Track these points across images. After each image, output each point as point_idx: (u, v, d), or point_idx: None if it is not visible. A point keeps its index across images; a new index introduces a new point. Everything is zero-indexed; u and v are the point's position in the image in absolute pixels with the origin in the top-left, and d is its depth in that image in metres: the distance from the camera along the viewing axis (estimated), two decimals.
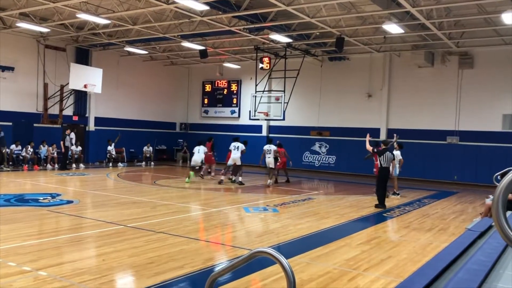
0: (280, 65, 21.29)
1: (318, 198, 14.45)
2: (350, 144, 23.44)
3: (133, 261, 6.38)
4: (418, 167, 21.05)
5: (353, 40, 19.36)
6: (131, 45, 22.46)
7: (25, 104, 21.04)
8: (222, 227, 9.52)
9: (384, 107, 22.74)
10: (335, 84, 24.10)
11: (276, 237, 8.46)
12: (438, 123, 21.25)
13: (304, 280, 5.68)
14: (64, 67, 21.76)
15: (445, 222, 10.72)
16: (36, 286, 5.20)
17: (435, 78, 21.41)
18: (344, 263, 6.65)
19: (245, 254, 2.74)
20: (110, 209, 10.81)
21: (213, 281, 2.92)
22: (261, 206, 12.34)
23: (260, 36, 19.51)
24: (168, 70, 28.64)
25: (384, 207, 12.39)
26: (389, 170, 12.69)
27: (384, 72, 22.80)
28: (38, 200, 11.35)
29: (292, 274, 2.41)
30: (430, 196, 16.00)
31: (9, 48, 20.32)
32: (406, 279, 3.23)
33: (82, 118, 23.86)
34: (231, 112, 27.81)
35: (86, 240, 7.86)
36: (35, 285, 5.23)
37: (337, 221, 10.32)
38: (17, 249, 6.84)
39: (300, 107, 24.63)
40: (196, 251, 7.18)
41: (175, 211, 10.79)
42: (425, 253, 7.47)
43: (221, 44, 22.62)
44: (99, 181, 17.14)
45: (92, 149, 24.08)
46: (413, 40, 19.88)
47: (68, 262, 6.26)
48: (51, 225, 8.93)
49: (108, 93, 23.63)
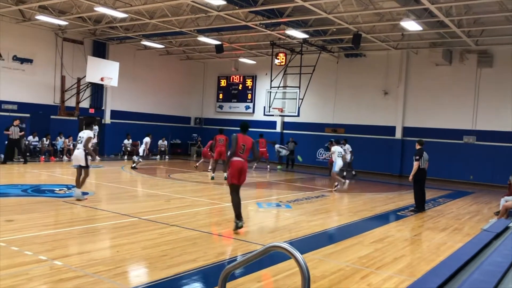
0: (295, 61, 21.22)
1: (332, 195, 14.39)
2: (365, 141, 23.30)
3: (146, 253, 6.45)
4: (433, 166, 20.65)
5: (370, 36, 19.20)
6: (148, 39, 22.59)
7: (42, 96, 21.34)
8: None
9: (400, 105, 22.54)
10: (351, 81, 23.94)
11: (288, 233, 8.46)
12: (455, 122, 20.99)
13: (317, 277, 5.67)
14: (81, 60, 21.99)
15: (460, 222, 10.60)
16: (51, 275, 5.28)
17: (453, 77, 21.13)
18: (357, 261, 6.63)
19: (260, 248, 2.74)
20: (125, 201, 10.92)
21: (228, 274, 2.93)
22: (274, 202, 12.34)
23: (276, 31, 19.46)
24: (184, 64, 28.75)
25: (423, 210, 11.77)
26: (426, 171, 11.88)
27: (401, 69, 22.57)
28: (54, 191, 11.51)
29: (307, 270, 2.41)
30: (445, 195, 15.83)
31: (28, 40, 20.60)
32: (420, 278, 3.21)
33: (98, 111, 24.11)
34: (245, 107, 27.83)
35: (101, 231, 7.96)
36: (51, 274, 5.32)
37: (350, 218, 10.28)
38: (33, 239, 6.95)
39: (315, 103, 24.53)
40: (209, 245, 7.22)
41: (188, 205, 10.85)
42: (439, 253, 7.40)
43: (237, 39, 22.63)
44: (114, 174, 17.31)
45: (108, 141, 24.32)
46: (431, 37, 19.64)
47: (82, 253, 6.35)
48: (66, 216, 9.05)
49: (124, 87, 23.82)
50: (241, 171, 8.00)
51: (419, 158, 11.47)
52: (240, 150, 7.97)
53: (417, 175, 11.60)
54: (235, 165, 7.94)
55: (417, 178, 11.64)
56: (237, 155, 7.97)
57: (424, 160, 11.57)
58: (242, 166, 7.99)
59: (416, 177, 11.61)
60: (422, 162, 11.51)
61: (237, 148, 7.96)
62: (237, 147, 7.94)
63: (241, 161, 7.96)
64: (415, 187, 11.83)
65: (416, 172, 11.54)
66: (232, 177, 8.01)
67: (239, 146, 7.93)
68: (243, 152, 8.00)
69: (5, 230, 7.33)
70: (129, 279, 5.60)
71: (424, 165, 11.60)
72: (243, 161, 8.00)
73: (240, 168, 7.96)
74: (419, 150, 11.65)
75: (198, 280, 5.61)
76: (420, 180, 11.69)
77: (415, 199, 11.90)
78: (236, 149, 7.96)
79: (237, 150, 7.95)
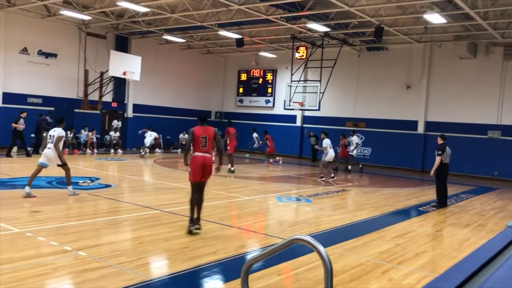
0: (316, 55, 21.09)
1: (353, 190, 14.32)
2: (386, 136, 23.07)
3: (168, 245, 6.53)
4: (456, 162, 20.37)
5: (392, 30, 18.94)
6: (169, 33, 22.75)
7: (66, 90, 21.72)
8: (255, 215, 9.59)
9: (423, 99, 22.21)
10: (372, 75, 23.68)
11: (308, 227, 8.47)
12: (479, 117, 20.59)
13: (337, 271, 5.67)
14: (104, 54, 22.28)
15: (483, 218, 10.43)
16: (76, 265, 5.41)
17: (478, 70, 20.70)
18: (378, 256, 6.60)
19: (283, 241, 2.76)
20: (147, 194, 11.07)
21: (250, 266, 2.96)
22: (294, 196, 12.34)
23: (297, 25, 19.35)
24: (205, 58, 28.86)
25: (445, 205, 11.63)
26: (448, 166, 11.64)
27: (423, 63, 22.22)
28: (78, 183, 11.72)
29: (330, 263, 2.42)
30: (468, 191, 15.58)
31: (52, 35, 20.98)
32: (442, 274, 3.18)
33: (121, 104, 24.41)
34: (265, 101, 27.80)
35: (123, 223, 8.10)
36: (75, 264, 5.44)
37: (371, 213, 10.22)
38: (58, 230, 7.12)
39: (336, 97, 24.36)
40: (229, 238, 7.27)
41: (209, 198, 10.90)
42: (462, 249, 7.30)
43: (258, 33, 22.60)
44: (136, 167, 17.54)
45: (130, 135, 24.63)
46: (456, 30, 19.26)
47: (106, 244, 6.48)
48: (90, 208, 9.23)
49: (146, 81, 24.06)
50: (204, 167, 7.23)
51: (441, 153, 11.30)
52: (201, 143, 7.21)
53: (440, 170, 11.43)
54: (196, 161, 7.22)
55: (440, 173, 11.47)
56: (198, 149, 7.24)
57: (446, 155, 11.38)
58: (203, 161, 7.22)
59: (439, 172, 11.44)
60: (444, 157, 11.33)
61: (197, 142, 7.24)
62: (196, 141, 7.23)
63: (203, 156, 7.22)
64: (437, 182, 11.67)
65: (439, 167, 11.37)
66: (193, 174, 7.28)
67: (198, 140, 7.20)
68: (205, 145, 7.24)
69: (31, 221, 7.53)
70: (151, 270, 5.70)
71: (446, 160, 11.42)
72: (205, 156, 7.25)
73: (201, 164, 7.21)
74: (441, 144, 11.46)
75: (219, 272, 5.67)
76: (442, 175, 11.52)
77: (437, 194, 11.75)
78: (194, 143, 7.28)
79: (198, 144, 7.22)
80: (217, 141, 7.48)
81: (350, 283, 5.33)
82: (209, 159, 7.35)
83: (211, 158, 7.45)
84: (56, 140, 9.77)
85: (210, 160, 7.40)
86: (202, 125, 7.46)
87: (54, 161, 9.91)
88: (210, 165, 7.38)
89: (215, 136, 7.40)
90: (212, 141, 7.38)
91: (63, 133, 9.97)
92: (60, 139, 9.87)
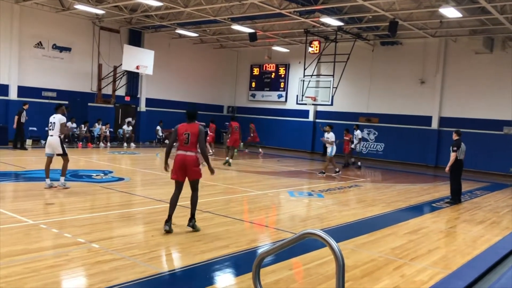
0: (329, 49, 20.96)
1: (365, 185, 14.24)
2: (400, 131, 22.89)
3: (180, 239, 6.57)
4: (470, 158, 20.12)
5: (407, 24, 18.73)
6: (182, 27, 22.77)
7: (80, 84, 21.90)
8: (267, 210, 9.59)
9: (437, 95, 21.95)
10: (386, 70, 23.47)
11: (320, 222, 8.44)
12: (495, 112, 20.30)
13: (349, 266, 5.64)
14: (117, 48, 22.40)
15: (498, 215, 10.30)
16: (89, 257, 5.47)
17: (494, 65, 20.39)
18: (390, 252, 6.56)
19: (294, 235, 2.75)
20: (159, 187, 11.13)
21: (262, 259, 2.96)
22: (306, 191, 12.32)
23: (310, 19, 19.23)
24: (217, 53, 28.86)
25: (459, 202, 11.52)
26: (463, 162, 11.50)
27: (438, 58, 21.95)
28: (91, 176, 11.84)
29: (342, 257, 2.40)
30: (482, 188, 15.40)
31: (66, 29, 21.14)
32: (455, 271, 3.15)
33: (134, 98, 24.55)
34: (278, 96, 27.74)
35: (136, 216, 8.16)
36: (89, 256, 5.50)
37: (383, 209, 10.15)
38: (72, 222, 7.20)
39: (349, 92, 24.20)
40: (241, 232, 7.29)
41: (220, 192, 10.97)
42: (475, 246, 7.22)
43: (271, 27, 22.52)
44: (149, 160, 17.65)
45: (143, 129, 24.78)
46: (471, 24, 18.98)
47: (119, 236, 6.53)
48: (103, 201, 9.32)
49: (158, 75, 24.14)
50: (183, 166, 6.83)
51: (457, 149, 11.17)
52: (184, 140, 6.82)
53: (454, 166, 11.29)
54: (177, 159, 6.89)
55: (454, 169, 11.33)
56: (180, 147, 6.89)
57: (461, 151, 11.26)
58: (184, 160, 6.81)
59: (453, 168, 11.30)
60: (459, 153, 11.21)
61: (179, 139, 6.87)
62: (179, 138, 6.87)
63: (183, 154, 6.82)
64: (451, 178, 11.56)
65: (453, 163, 11.24)
66: (173, 172, 6.93)
67: (181, 137, 6.83)
68: (188, 142, 6.80)
69: (46, 213, 7.63)
70: (163, 263, 5.74)
71: (461, 156, 11.29)
72: (185, 154, 6.82)
73: (181, 162, 6.83)
74: (456, 140, 11.33)
75: (231, 266, 5.69)
76: (457, 171, 11.38)
77: (451, 191, 11.64)
78: (176, 141, 6.97)
79: (180, 141, 6.86)
80: (199, 141, 6.89)
81: (361, 278, 5.31)
82: (190, 157, 6.83)
83: (193, 157, 6.86)
84: (61, 127, 9.70)
85: (192, 159, 6.84)
86: (190, 122, 6.98)
87: (56, 149, 9.79)
88: (192, 164, 6.84)
89: (199, 134, 6.85)
90: (196, 139, 6.84)
91: (64, 119, 9.84)
92: (63, 125, 9.78)
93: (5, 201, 8.45)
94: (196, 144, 6.87)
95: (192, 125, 6.93)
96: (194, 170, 6.89)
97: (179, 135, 6.87)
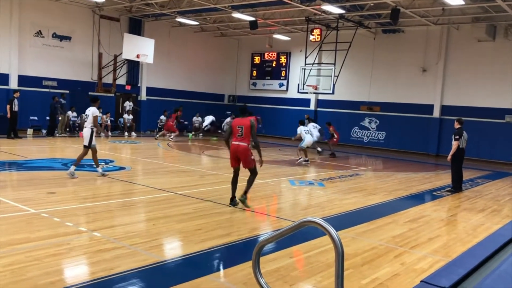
0: (331, 37, 20.82)
1: (366, 174, 14.25)
2: (401, 120, 22.84)
3: (181, 227, 6.59)
4: (472, 146, 20.12)
5: (409, 11, 18.58)
6: (183, 15, 22.63)
7: (80, 72, 21.84)
8: (268, 199, 9.61)
9: (439, 83, 21.87)
10: (388, 58, 23.35)
11: (321, 211, 8.46)
12: (497, 100, 20.23)
13: (349, 254, 5.67)
14: (117, 37, 22.30)
15: (499, 203, 10.31)
16: (91, 245, 5.49)
17: (496, 53, 20.27)
18: (391, 240, 6.58)
19: (294, 223, 2.75)
20: (160, 176, 11.15)
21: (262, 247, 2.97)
22: (307, 180, 12.33)
23: (311, 7, 19.08)
24: (218, 41, 28.71)
25: (460, 190, 11.52)
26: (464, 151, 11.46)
27: (440, 46, 21.82)
28: (92, 166, 11.84)
29: (341, 245, 2.40)
30: (483, 176, 15.40)
31: (66, 18, 21.03)
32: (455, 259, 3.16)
33: (134, 87, 24.50)
34: (279, 85, 27.65)
35: (137, 205, 8.18)
36: (90, 244, 5.53)
37: (384, 198, 10.17)
38: (73, 211, 7.23)
39: (350, 81, 24.11)
40: (242, 220, 7.31)
41: (222, 181, 10.98)
42: (475, 234, 7.24)
43: (272, 15, 22.36)
44: (150, 150, 17.66)
45: (144, 118, 24.76)
46: (474, 12, 18.82)
47: (120, 225, 6.56)
48: (104, 190, 9.34)
49: (159, 64, 24.06)
50: (236, 154, 7.88)
51: (459, 138, 11.14)
52: (237, 133, 7.84)
53: (456, 155, 11.28)
54: (231, 149, 7.94)
55: (456, 158, 11.32)
56: (235, 138, 7.89)
57: (463, 139, 11.24)
58: (236, 149, 7.85)
59: (455, 156, 11.29)
60: (461, 141, 11.19)
61: (233, 132, 7.89)
62: (233, 131, 7.88)
63: (236, 145, 7.84)
64: (452, 167, 11.54)
65: (455, 152, 11.22)
66: (230, 160, 8.04)
67: (235, 130, 7.85)
68: (242, 135, 7.82)
69: (47, 202, 7.65)
70: (164, 251, 5.76)
71: (463, 144, 11.27)
72: (238, 145, 7.83)
73: (234, 151, 7.89)
74: (458, 129, 11.30)
75: (232, 254, 5.71)
76: (458, 160, 11.37)
77: (452, 179, 11.64)
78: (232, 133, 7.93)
79: (234, 134, 7.88)
80: (252, 134, 7.83)
81: (362, 266, 5.33)
82: (242, 147, 7.80)
83: (245, 147, 7.81)
84: (94, 120, 10.14)
85: (243, 148, 7.80)
86: (242, 116, 7.98)
87: (85, 140, 10.20)
88: (243, 153, 7.81)
89: (251, 128, 7.78)
90: (249, 131, 7.77)
91: (97, 112, 10.26)
92: (96, 119, 10.21)
93: (7, 190, 8.48)
94: (249, 136, 7.82)
95: (245, 120, 7.90)
96: (245, 159, 7.86)
97: (234, 128, 7.85)
